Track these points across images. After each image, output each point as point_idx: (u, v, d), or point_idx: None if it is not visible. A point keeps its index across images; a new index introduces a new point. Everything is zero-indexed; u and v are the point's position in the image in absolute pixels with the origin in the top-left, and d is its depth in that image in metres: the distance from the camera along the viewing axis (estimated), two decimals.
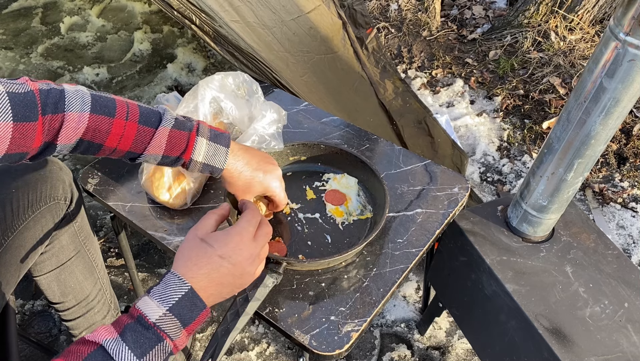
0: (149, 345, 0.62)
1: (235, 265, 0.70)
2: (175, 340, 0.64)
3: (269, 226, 0.78)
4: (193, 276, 0.67)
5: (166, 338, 0.63)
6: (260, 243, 0.75)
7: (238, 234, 0.72)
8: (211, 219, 0.76)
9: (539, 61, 2.57)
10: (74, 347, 0.61)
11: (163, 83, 2.52)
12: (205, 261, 0.69)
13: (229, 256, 0.70)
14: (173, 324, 0.64)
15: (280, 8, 1.57)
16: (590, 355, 0.96)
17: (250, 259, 0.72)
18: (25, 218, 1.03)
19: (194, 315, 0.66)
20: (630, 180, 2.09)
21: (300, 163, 1.21)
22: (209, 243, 0.70)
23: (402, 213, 1.11)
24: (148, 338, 0.62)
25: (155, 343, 0.62)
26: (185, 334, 0.65)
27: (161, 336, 0.62)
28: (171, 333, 0.63)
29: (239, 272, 0.71)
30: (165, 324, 0.63)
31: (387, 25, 2.86)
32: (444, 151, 1.88)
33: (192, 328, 0.66)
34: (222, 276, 0.69)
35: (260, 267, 0.76)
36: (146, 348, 0.61)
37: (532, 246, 1.14)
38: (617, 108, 0.87)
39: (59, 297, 1.21)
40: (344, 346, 0.89)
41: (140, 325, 0.63)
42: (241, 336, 1.59)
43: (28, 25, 2.88)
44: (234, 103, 1.10)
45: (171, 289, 0.66)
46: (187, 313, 0.65)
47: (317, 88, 1.62)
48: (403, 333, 1.61)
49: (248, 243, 0.72)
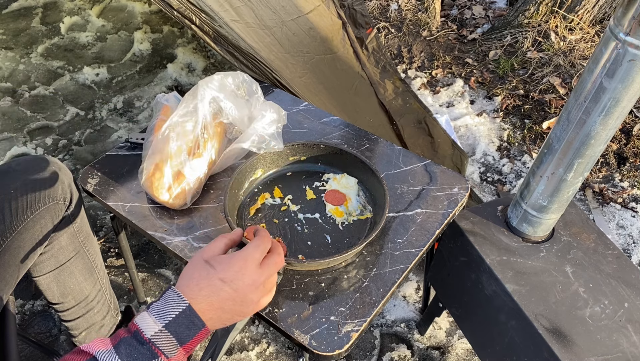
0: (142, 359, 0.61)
1: (237, 291, 0.68)
2: (171, 357, 0.62)
3: (281, 256, 0.75)
4: (193, 296, 0.66)
5: (161, 355, 0.61)
6: (266, 271, 0.71)
7: (242, 259, 0.70)
8: (220, 242, 0.73)
9: (539, 61, 2.57)
10: (69, 356, 0.60)
11: (163, 83, 2.52)
12: (206, 283, 0.67)
13: (231, 280, 0.68)
14: (169, 341, 0.62)
15: (280, 8, 1.57)
16: (590, 355, 0.96)
17: (253, 286, 0.69)
18: (25, 218, 1.03)
19: (191, 333, 0.64)
20: (630, 180, 2.09)
21: (300, 163, 1.21)
22: (212, 265, 0.69)
23: (402, 213, 1.11)
24: (142, 353, 0.61)
25: (149, 360, 0.61)
26: (182, 352, 0.63)
27: (156, 353, 0.61)
28: (166, 351, 0.62)
29: (240, 298, 0.68)
30: (161, 341, 0.62)
31: (387, 25, 2.86)
32: (444, 151, 1.88)
33: (190, 346, 0.64)
34: (222, 301, 0.67)
35: (266, 298, 0.72)
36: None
37: (532, 246, 1.14)
38: (617, 108, 0.87)
39: (59, 297, 1.20)
40: (344, 347, 0.88)
41: (135, 340, 0.62)
42: (241, 336, 1.59)
43: (28, 25, 2.87)
44: (233, 103, 1.10)
45: (169, 306, 0.64)
46: (184, 331, 0.63)
47: (317, 88, 1.61)
48: (403, 333, 1.61)
49: (252, 269, 0.69)
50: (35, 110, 2.38)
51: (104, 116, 2.36)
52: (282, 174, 1.20)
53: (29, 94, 2.45)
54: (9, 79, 2.54)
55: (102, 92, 2.48)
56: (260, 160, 1.16)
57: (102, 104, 2.41)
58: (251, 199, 1.15)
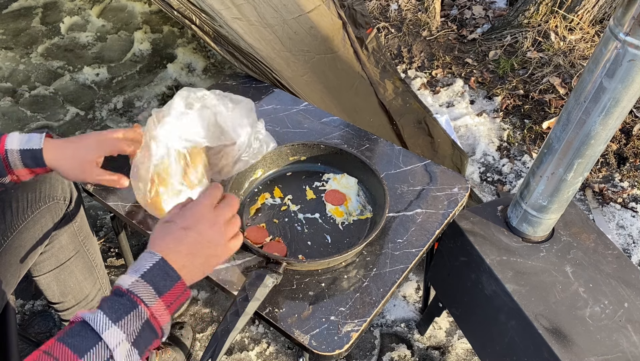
0: (124, 310, 0.62)
1: (200, 233, 0.72)
2: (151, 306, 0.64)
3: (235, 199, 0.79)
4: (163, 250, 0.69)
5: (141, 304, 0.63)
6: (222, 212, 0.75)
7: (196, 205, 0.74)
8: (175, 208, 0.77)
9: (539, 61, 2.57)
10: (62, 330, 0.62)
11: (163, 83, 2.52)
12: (171, 237, 0.71)
13: (191, 226, 0.72)
14: (146, 290, 0.64)
15: (281, 7, 1.57)
16: (590, 355, 0.96)
17: (215, 227, 0.73)
18: (25, 218, 1.03)
19: (168, 284, 0.66)
20: (630, 180, 2.09)
21: (300, 163, 1.21)
22: (171, 221, 0.73)
23: (402, 213, 1.11)
24: (122, 303, 0.63)
25: (130, 309, 0.63)
26: (162, 304, 0.65)
27: (135, 301, 0.63)
28: (145, 299, 0.64)
29: (206, 240, 0.72)
30: (138, 289, 0.64)
31: (387, 25, 2.86)
32: (444, 151, 1.88)
33: (169, 299, 0.66)
34: (190, 246, 0.70)
35: (235, 242, 0.77)
36: (121, 313, 0.62)
37: (532, 246, 1.14)
38: (617, 108, 0.87)
39: (59, 297, 1.21)
40: (344, 346, 0.88)
41: (115, 295, 0.64)
42: (241, 336, 1.59)
43: (28, 25, 2.87)
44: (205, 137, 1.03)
45: (143, 260, 0.67)
46: (161, 281, 0.66)
47: (318, 88, 1.62)
48: (403, 333, 1.61)
49: (208, 212, 0.74)
50: (35, 110, 2.38)
51: (104, 116, 2.36)
52: (282, 174, 1.20)
53: (29, 94, 2.45)
54: (9, 79, 2.54)
55: (102, 92, 2.48)
56: (260, 160, 1.16)
57: (102, 104, 2.41)
58: (251, 199, 1.15)
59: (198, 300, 1.68)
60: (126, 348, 0.61)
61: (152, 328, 0.65)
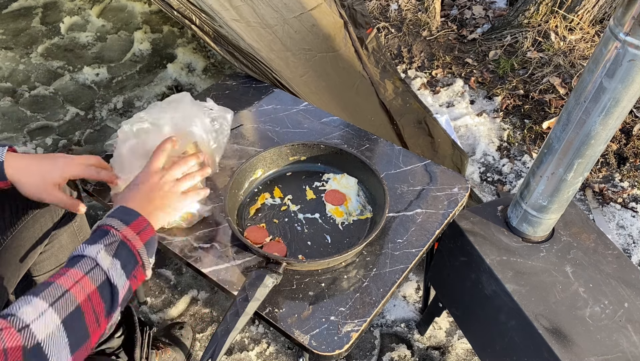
0: (99, 235, 0.77)
1: (151, 185, 0.89)
2: (121, 230, 0.78)
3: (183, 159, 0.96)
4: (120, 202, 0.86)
5: (111, 229, 0.78)
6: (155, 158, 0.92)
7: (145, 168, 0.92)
8: None
9: (539, 61, 2.57)
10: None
11: (163, 83, 2.52)
12: (130, 194, 0.88)
13: (142, 180, 0.89)
14: (114, 221, 0.79)
15: (282, 6, 1.56)
16: (590, 355, 0.96)
17: (164, 179, 0.90)
18: (24, 217, 1.03)
19: (131, 218, 0.81)
20: (630, 180, 2.09)
21: (300, 163, 1.21)
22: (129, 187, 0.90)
23: (402, 213, 1.11)
24: (97, 235, 0.77)
25: (102, 235, 0.77)
26: (130, 231, 0.79)
27: (105, 229, 0.78)
28: (114, 225, 0.78)
29: (157, 187, 0.89)
30: (106, 222, 0.79)
31: (387, 25, 2.86)
32: (444, 151, 1.88)
33: (135, 228, 0.80)
34: (145, 194, 0.87)
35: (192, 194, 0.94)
36: (96, 238, 0.77)
37: (532, 246, 1.14)
38: (617, 108, 0.87)
39: None
40: (344, 347, 0.88)
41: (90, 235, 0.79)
42: (241, 336, 1.59)
43: (28, 25, 2.87)
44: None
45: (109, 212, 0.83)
46: (124, 217, 0.81)
47: (318, 87, 1.61)
48: (403, 333, 1.61)
49: (155, 171, 0.91)
50: (35, 110, 2.38)
51: (104, 116, 2.36)
52: (282, 174, 1.20)
53: (29, 94, 2.45)
54: (9, 79, 2.54)
55: (102, 92, 2.48)
56: (260, 160, 1.16)
57: (102, 104, 2.41)
58: (251, 199, 1.15)
59: (198, 300, 1.68)
60: (108, 259, 0.75)
61: (127, 249, 0.78)
